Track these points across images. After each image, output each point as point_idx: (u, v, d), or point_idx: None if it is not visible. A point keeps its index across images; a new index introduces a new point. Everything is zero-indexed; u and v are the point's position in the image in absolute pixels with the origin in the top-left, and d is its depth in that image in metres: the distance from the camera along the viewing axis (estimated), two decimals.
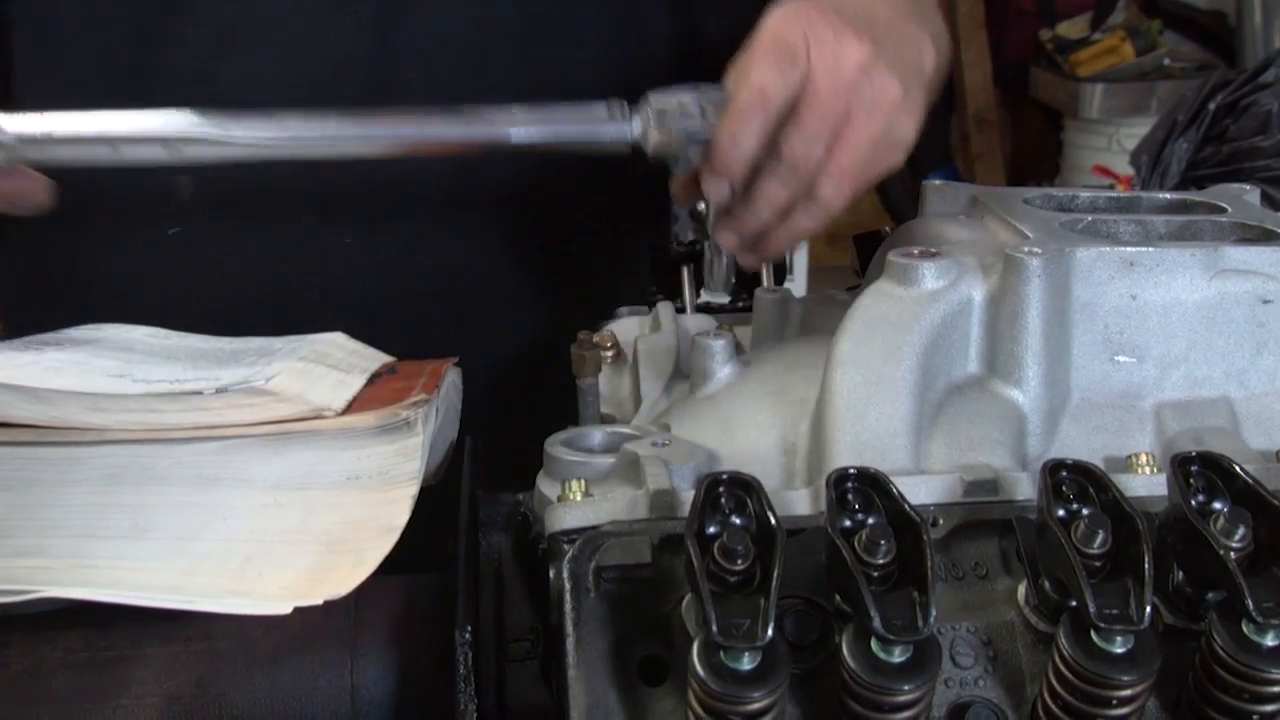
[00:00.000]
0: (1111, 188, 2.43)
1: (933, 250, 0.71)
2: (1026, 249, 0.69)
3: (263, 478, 0.66)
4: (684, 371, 0.85)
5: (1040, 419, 0.69)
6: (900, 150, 0.85)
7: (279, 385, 0.70)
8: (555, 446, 0.73)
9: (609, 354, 0.89)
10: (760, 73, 0.82)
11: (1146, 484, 0.64)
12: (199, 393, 0.69)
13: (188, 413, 0.68)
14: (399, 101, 0.89)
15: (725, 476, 0.61)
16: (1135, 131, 3.24)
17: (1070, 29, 3.62)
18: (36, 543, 0.65)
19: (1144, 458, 0.66)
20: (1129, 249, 0.69)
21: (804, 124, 0.82)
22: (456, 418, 0.87)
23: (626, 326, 0.93)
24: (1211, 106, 2.13)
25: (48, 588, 0.62)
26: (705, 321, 0.88)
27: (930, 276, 0.70)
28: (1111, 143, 3.50)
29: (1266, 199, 2.04)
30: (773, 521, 0.58)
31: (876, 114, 0.83)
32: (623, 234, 0.95)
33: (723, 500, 0.60)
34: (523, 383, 1.14)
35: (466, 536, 0.78)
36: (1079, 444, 0.69)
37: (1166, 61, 3.54)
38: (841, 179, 0.83)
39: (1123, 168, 2.62)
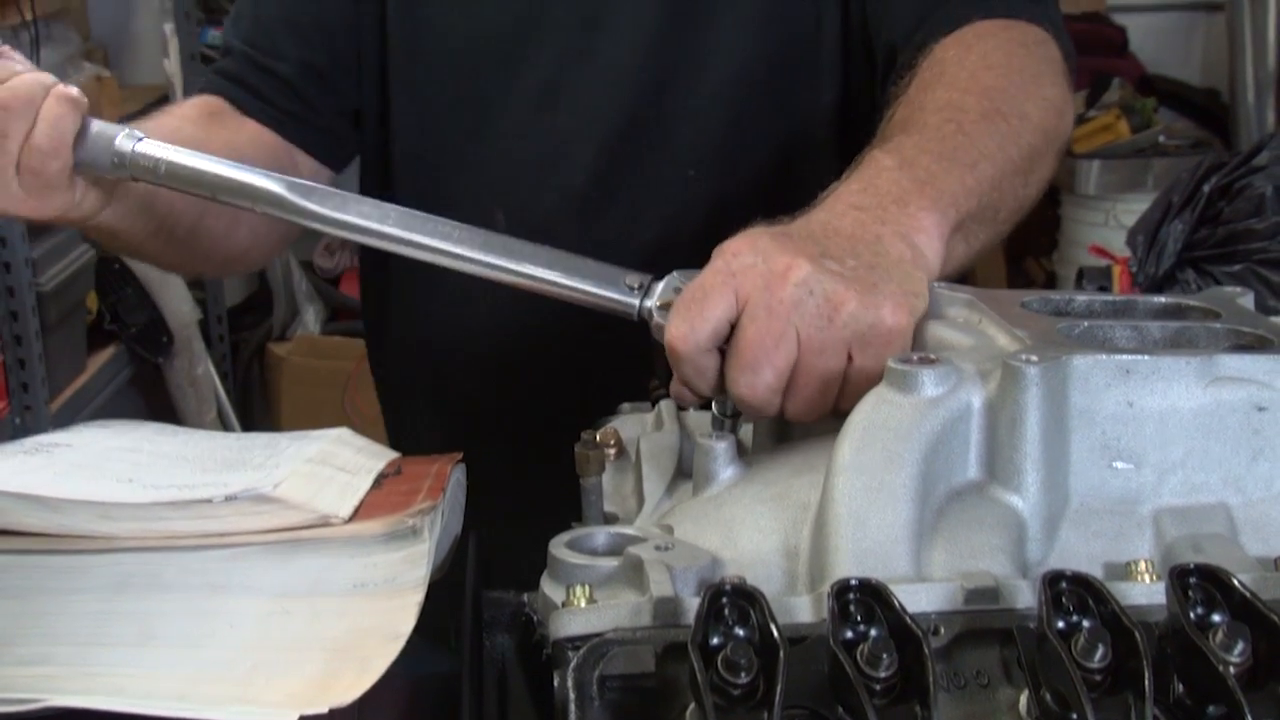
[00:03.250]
0: (1108, 268, 2.45)
1: (931, 357, 0.72)
2: (1024, 357, 0.70)
3: (270, 585, 0.67)
4: (686, 470, 0.86)
5: (1040, 525, 0.70)
6: (889, 340, 0.79)
7: (286, 492, 0.71)
8: (559, 549, 0.73)
9: (612, 452, 0.90)
10: (670, 324, 0.81)
11: (1146, 592, 0.65)
12: (208, 500, 0.70)
13: (196, 520, 0.68)
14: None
15: (729, 588, 0.61)
16: (1132, 207, 3.26)
17: None
18: (41, 651, 0.65)
19: (1143, 565, 0.66)
20: (1125, 357, 0.70)
21: (735, 354, 0.79)
22: (460, 513, 0.88)
23: (629, 424, 0.94)
24: (1206, 188, 2.16)
25: (52, 696, 0.62)
26: (707, 420, 0.89)
27: (930, 383, 0.71)
28: (1109, 218, 3.53)
29: (1261, 281, 2.06)
30: (776, 635, 0.58)
31: (831, 327, 0.78)
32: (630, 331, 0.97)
33: (726, 611, 0.61)
34: (527, 471, 1.15)
35: (471, 637, 0.78)
36: (1078, 549, 0.70)
37: (1162, 138, 3.58)
38: (805, 405, 0.80)
39: (1119, 242, 2.64)
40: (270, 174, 0.99)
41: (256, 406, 3.59)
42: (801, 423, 0.82)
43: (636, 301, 0.90)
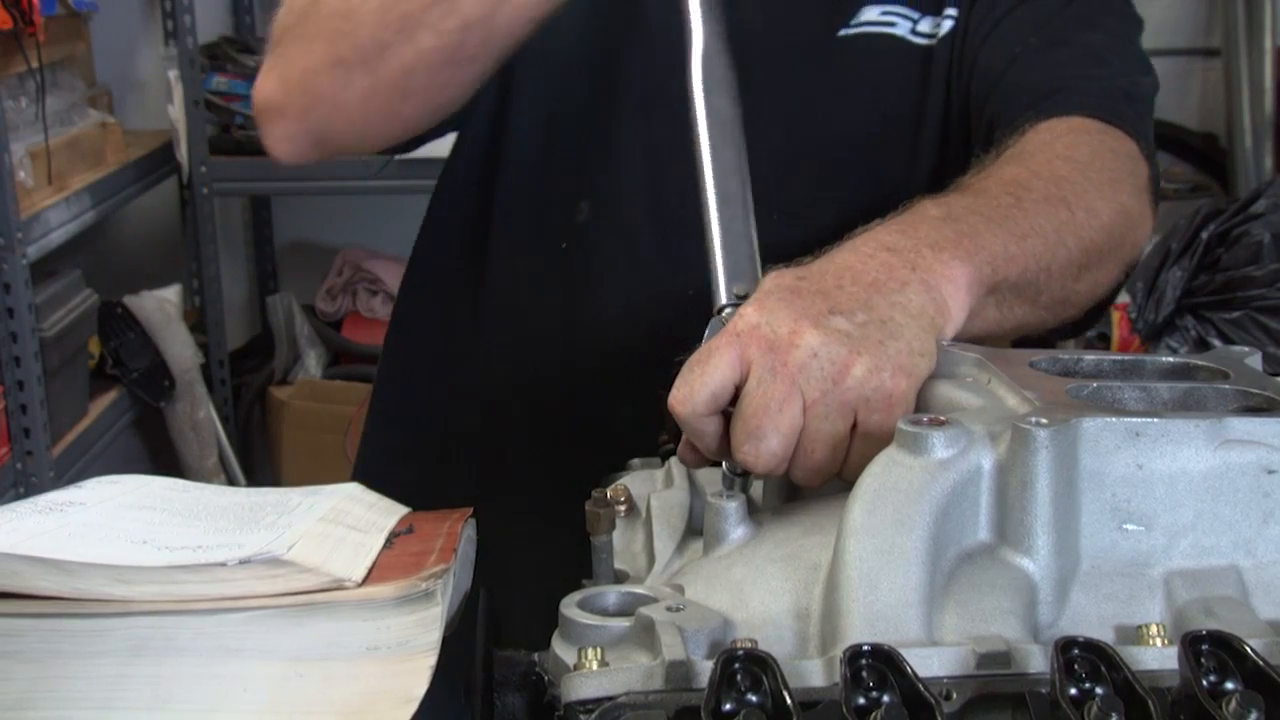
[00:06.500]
0: (1108, 314, 2.46)
1: (941, 418, 0.73)
2: (1034, 419, 0.70)
3: (283, 649, 0.67)
4: (696, 527, 0.86)
5: (1051, 587, 0.70)
6: (890, 407, 0.79)
7: (299, 555, 0.71)
8: (571, 609, 0.74)
9: (622, 509, 0.90)
10: (673, 389, 0.81)
11: (1158, 656, 0.65)
12: (222, 564, 0.70)
13: (211, 584, 0.69)
14: None
15: (741, 653, 0.62)
16: None
17: None
18: (58, 715, 0.65)
19: (1155, 629, 0.67)
20: (1135, 419, 0.71)
21: (740, 420, 0.79)
22: (470, 569, 0.88)
23: (639, 480, 0.94)
24: (1204, 236, 2.17)
25: None
26: (717, 476, 0.89)
27: (940, 445, 0.71)
28: None
29: (1260, 328, 2.07)
30: (789, 702, 0.58)
31: (836, 391, 0.78)
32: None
33: (739, 677, 0.61)
34: (538, 527, 1.15)
35: (482, 696, 0.78)
36: (1089, 612, 0.70)
37: (1160, 183, 3.60)
38: (811, 470, 0.80)
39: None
40: None
41: (258, 450, 3.59)
42: (809, 486, 0.83)
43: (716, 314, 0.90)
